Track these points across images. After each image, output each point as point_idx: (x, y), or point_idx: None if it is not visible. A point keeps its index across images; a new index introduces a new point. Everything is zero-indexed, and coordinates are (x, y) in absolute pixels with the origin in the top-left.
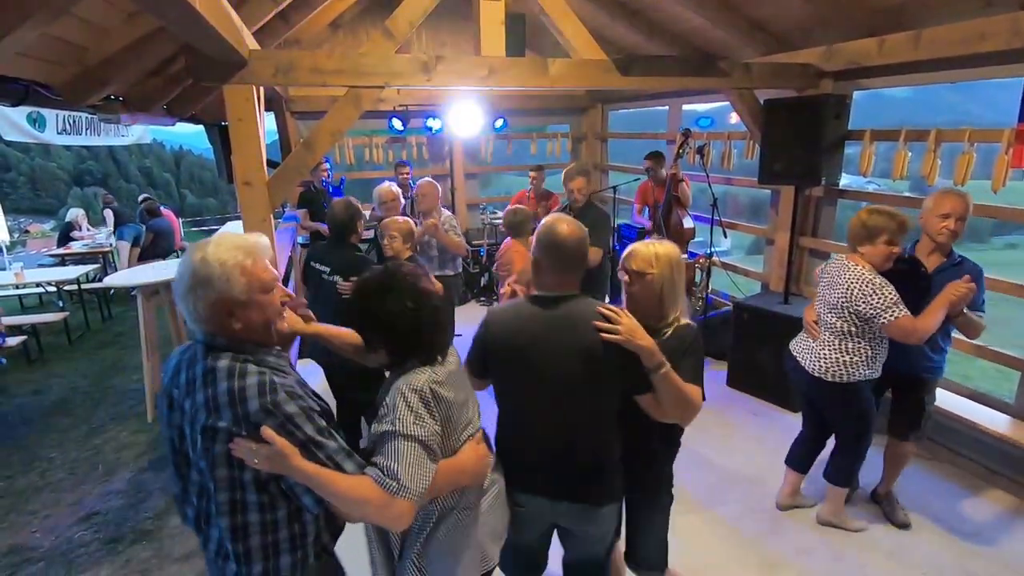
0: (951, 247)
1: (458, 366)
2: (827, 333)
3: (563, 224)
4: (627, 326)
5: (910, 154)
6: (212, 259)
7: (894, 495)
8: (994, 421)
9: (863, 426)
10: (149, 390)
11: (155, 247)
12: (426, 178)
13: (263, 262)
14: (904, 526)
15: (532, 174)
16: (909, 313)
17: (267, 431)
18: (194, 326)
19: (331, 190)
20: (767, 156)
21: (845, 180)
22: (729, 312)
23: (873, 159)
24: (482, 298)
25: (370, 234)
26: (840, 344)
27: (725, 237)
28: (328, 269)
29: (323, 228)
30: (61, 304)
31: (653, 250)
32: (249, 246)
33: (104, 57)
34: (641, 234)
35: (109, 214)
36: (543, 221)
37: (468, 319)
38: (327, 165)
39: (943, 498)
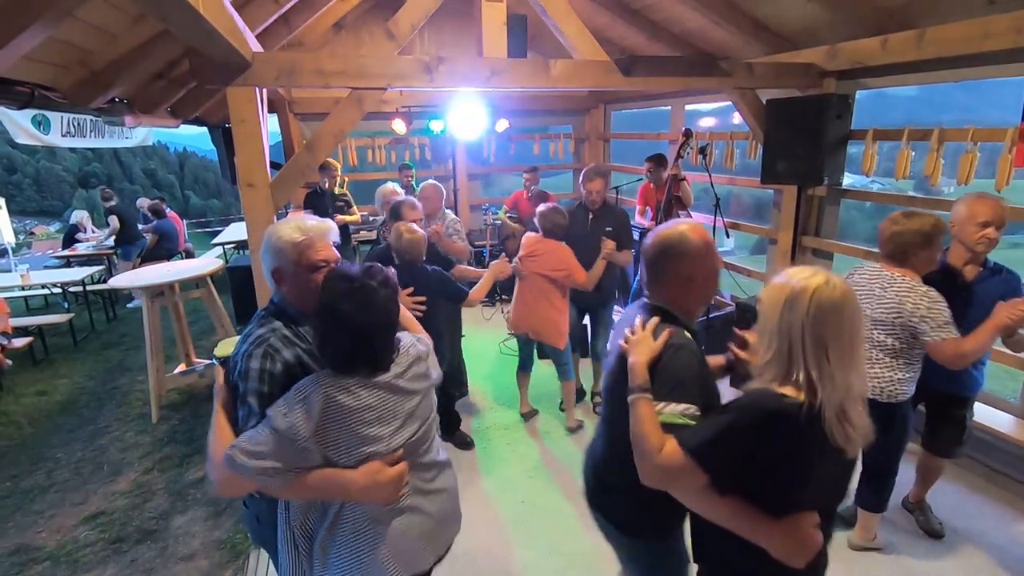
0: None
1: (400, 378)
2: (875, 351)
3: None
4: (636, 338)
5: (913, 153)
6: (274, 233)
7: (927, 503)
8: (998, 422)
9: (903, 445)
10: (154, 390)
11: (159, 248)
12: (429, 180)
13: (318, 244)
14: (938, 536)
15: (527, 175)
16: (958, 334)
17: (217, 367)
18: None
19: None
20: (769, 156)
21: (848, 180)
22: (732, 312)
23: (876, 159)
24: (484, 299)
25: (372, 235)
26: (892, 362)
27: (728, 237)
28: None
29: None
30: (66, 305)
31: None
32: (306, 228)
33: (109, 60)
34: (643, 236)
35: (114, 220)
36: (669, 230)
37: (471, 319)
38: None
39: (947, 496)
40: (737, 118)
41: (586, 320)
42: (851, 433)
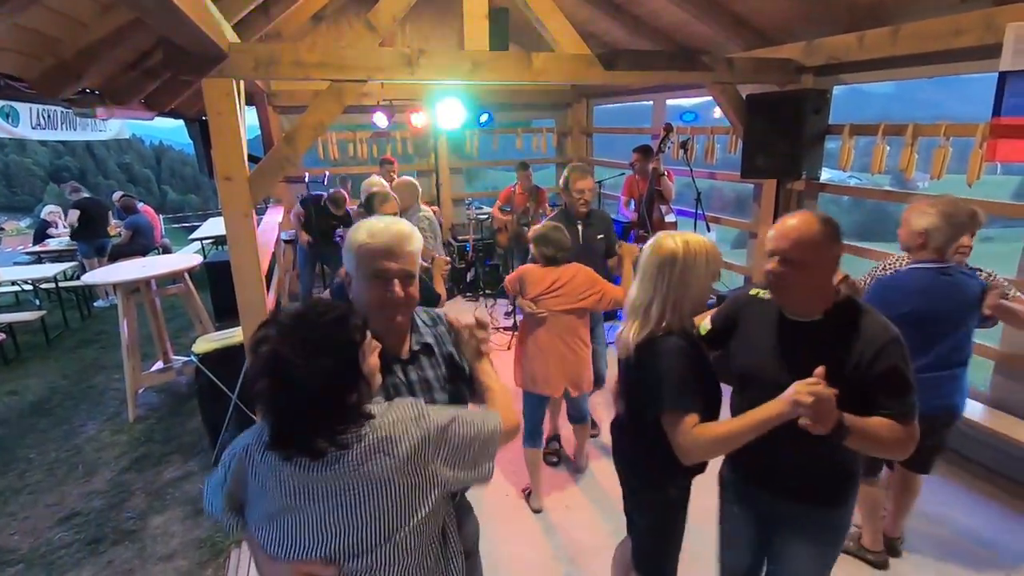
0: None
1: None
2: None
3: None
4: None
5: (888, 148)
6: (351, 232)
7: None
8: (969, 410)
9: None
10: (130, 389)
11: (133, 244)
12: (404, 177)
13: (384, 251)
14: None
15: (520, 172)
16: None
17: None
18: None
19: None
20: (749, 150)
21: (826, 175)
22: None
23: (852, 153)
24: (468, 294)
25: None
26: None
27: (709, 231)
28: None
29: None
30: (38, 303)
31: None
32: (376, 231)
33: (78, 49)
34: (627, 228)
35: (72, 214)
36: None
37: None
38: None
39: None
40: (717, 112)
41: None
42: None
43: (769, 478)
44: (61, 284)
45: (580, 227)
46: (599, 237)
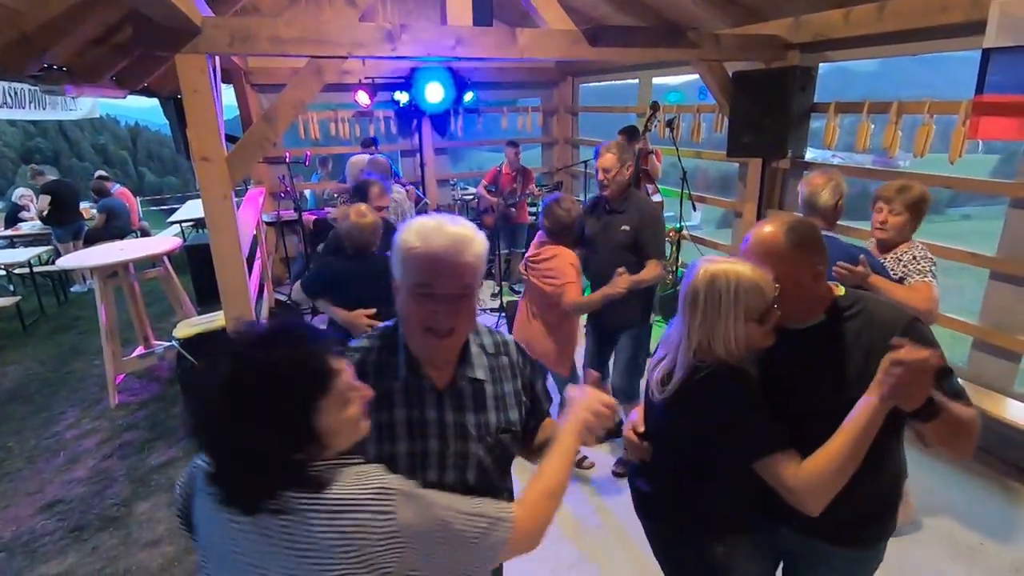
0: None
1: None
2: None
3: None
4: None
5: (873, 126)
6: (401, 231)
7: None
8: None
9: None
10: (111, 375)
11: (109, 228)
12: (365, 155)
13: (444, 260)
14: None
15: (509, 150)
16: None
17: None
18: None
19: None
20: (735, 129)
21: (810, 154)
22: None
23: (837, 132)
24: None
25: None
26: None
27: (695, 210)
28: None
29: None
30: (12, 288)
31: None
32: (426, 232)
33: (42, 22)
34: None
35: (43, 200)
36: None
37: None
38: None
39: None
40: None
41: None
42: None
43: (796, 512)
44: (36, 269)
45: (606, 210)
46: (623, 228)
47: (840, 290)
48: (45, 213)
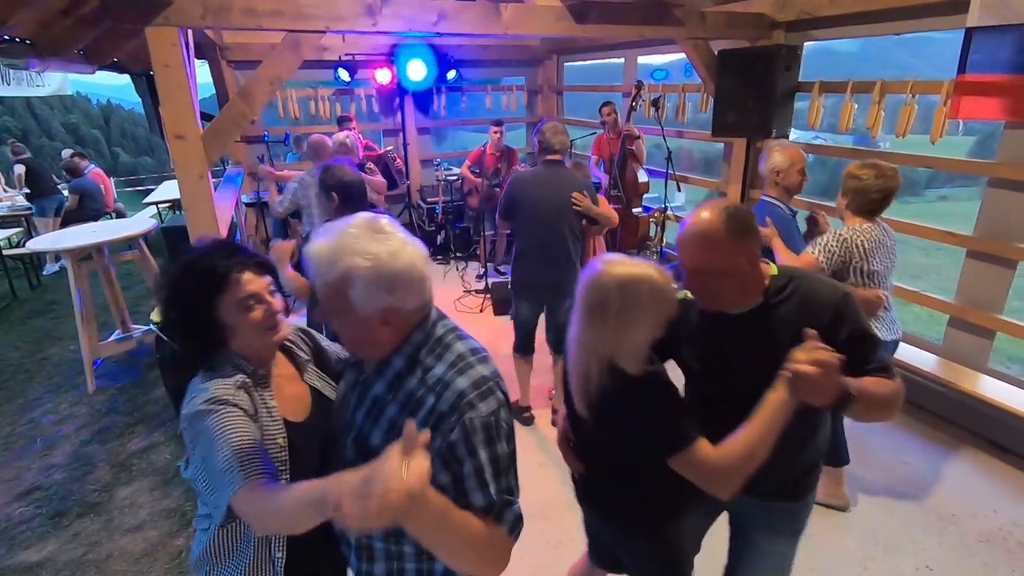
0: None
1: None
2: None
3: None
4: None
5: (856, 106)
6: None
7: None
8: (923, 361)
9: None
10: (87, 359)
11: (82, 209)
12: (320, 134)
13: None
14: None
15: (494, 128)
16: None
17: None
18: None
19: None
20: (720, 108)
21: (793, 135)
22: None
23: (821, 112)
24: (438, 257)
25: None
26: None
27: (679, 191)
28: None
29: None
30: None
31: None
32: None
33: None
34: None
35: (19, 168)
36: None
37: None
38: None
39: (879, 435)
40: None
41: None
42: None
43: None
44: (6, 252)
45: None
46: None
47: (772, 269)
48: (23, 181)
